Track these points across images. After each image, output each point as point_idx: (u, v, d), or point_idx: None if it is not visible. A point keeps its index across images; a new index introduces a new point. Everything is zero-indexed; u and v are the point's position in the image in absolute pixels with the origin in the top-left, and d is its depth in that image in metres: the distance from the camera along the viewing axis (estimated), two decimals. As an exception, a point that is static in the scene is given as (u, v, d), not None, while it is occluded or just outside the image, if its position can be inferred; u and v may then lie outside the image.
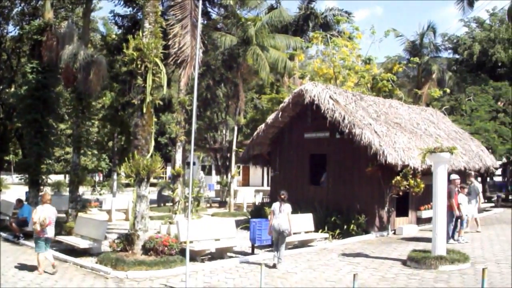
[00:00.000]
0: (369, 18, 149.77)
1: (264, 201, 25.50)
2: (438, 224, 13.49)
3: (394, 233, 19.16)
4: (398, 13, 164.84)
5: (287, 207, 13.48)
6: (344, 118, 18.48)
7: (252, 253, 15.41)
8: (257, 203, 25.53)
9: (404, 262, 13.58)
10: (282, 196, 13.59)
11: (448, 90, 33.57)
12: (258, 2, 29.38)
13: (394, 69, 31.88)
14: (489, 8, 55.86)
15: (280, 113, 20.98)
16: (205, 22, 23.10)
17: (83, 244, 15.04)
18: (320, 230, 17.62)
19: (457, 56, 47.90)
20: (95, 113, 27.11)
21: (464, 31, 48.82)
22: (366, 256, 14.66)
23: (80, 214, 19.61)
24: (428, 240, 14.32)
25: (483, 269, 7.84)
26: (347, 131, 18.37)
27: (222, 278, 12.06)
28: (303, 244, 16.47)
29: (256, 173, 54.56)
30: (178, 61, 17.48)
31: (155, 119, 14.97)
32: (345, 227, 18.05)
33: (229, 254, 14.91)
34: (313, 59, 32.25)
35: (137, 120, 14.24)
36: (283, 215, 13.33)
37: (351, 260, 14.10)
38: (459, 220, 17.30)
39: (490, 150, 27.63)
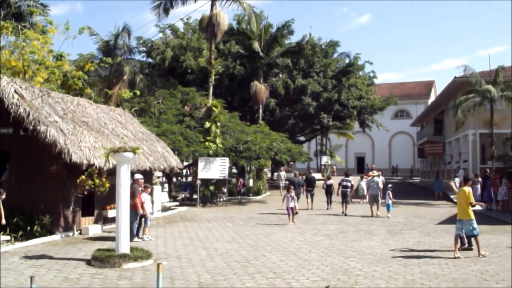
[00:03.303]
0: (68, 13, 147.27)
1: None
2: (122, 223, 13.65)
3: (80, 233, 18.91)
4: (99, 12, 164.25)
5: None
6: (29, 114, 17.62)
7: None
8: None
9: (88, 262, 13.41)
10: None
11: (138, 92, 34.18)
12: None
13: (86, 67, 31.38)
14: (184, 17, 58.24)
15: (-42, 106, 19.24)
16: None
17: None
18: (2, 233, 16.59)
19: (150, 60, 49.34)
20: None
21: (160, 36, 50.45)
22: (50, 257, 14.15)
23: None
24: (114, 239, 14.38)
25: (158, 265, 8.12)
26: (31, 128, 17.53)
27: None
28: (-20, 248, 15.38)
29: None
30: None
31: None
32: (29, 228, 17.17)
33: None
34: (3, 50, 30.23)
35: None
36: None
37: (34, 262, 13.47)
38: (143, 219, 17.80)
39: (176, 152, 28.84)
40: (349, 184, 27.50)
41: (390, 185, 26.91)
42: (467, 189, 14.87)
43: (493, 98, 33.98)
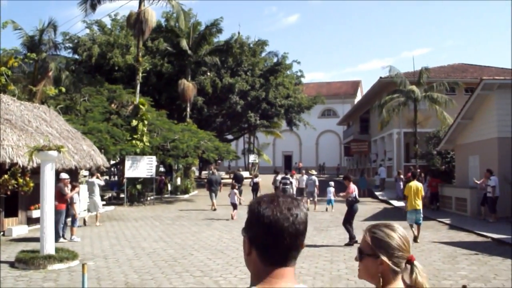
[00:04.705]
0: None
1: None
2: (47, 223, 13.40)
3: (3, 235, 18.42)
4: (24, 6, 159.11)
5: None
6: None
7: None
8: None
9: (12, 264, 13.10)
10: None
11: (64, 89, 33.47)
12: None
13: (10, 63, 30.48)
14: (112, 13, 57.11)
15: None
16: None
17: None
18: None
19: (76, 56, 48.26)
20: None
21: (86, 32, 49.42)
22: (-29, 260, 13.81)
23: None
24: (39, 240, 14.10)
25: (83, 265, 8.06)
26: (-49, 126, 17.04)
27: None
28: None
29: None
30: None
31: None
32: None
33: None
34: None
35: None
36: None
37: (-48, 265, 13.12)
38: (69, 219, 17.51)
39: (102, 150, 28.41)
40: (288, 182, 29.37)
41: (332, 183, 28.72)
42: (419, 184, 17.73)
43: (417, 98, 34.99)
